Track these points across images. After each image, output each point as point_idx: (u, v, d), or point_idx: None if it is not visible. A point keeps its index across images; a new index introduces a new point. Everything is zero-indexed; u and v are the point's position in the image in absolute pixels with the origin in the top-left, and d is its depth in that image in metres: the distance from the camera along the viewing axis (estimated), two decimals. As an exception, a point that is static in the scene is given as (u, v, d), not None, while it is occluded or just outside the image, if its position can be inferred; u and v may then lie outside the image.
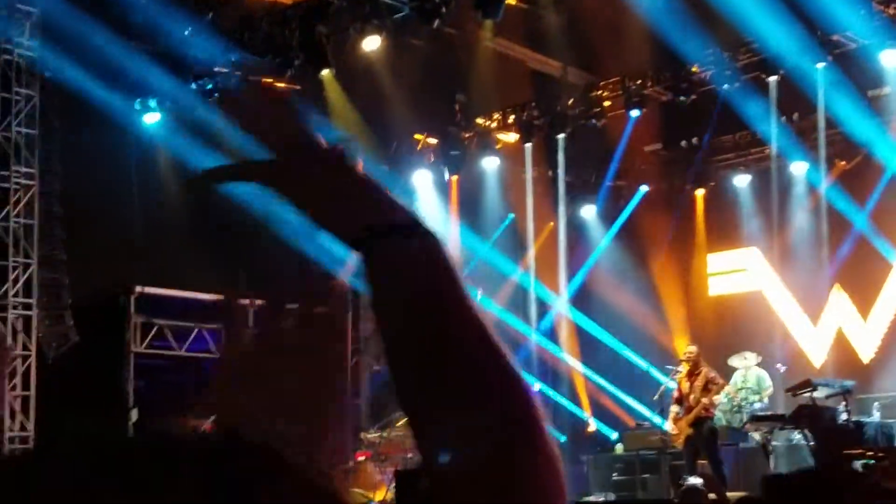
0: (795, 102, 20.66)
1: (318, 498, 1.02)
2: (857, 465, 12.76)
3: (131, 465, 0.99)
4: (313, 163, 1.49)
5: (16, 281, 17.77)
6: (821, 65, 19.14)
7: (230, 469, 0.98)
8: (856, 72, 19.45)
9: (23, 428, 17.19)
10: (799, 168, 21.78)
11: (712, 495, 14.25)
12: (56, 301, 18.11)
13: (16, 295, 17.81)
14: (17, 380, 17.32)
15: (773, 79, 19.82)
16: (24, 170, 17.69)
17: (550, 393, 22.65)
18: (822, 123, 20.55)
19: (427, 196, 23.52)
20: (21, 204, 17.68)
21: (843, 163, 21.30)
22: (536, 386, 22.71)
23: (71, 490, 0.96)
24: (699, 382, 17.29)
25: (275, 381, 1.38)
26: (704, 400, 17.22)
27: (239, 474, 0.99)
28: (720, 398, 17.84)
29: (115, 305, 19.28)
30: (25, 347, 17.57)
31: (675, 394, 17.30)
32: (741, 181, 22.93)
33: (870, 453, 13.06)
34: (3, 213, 17.68)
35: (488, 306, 23.47)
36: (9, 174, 17.69)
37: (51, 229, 18.10)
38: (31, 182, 17.75)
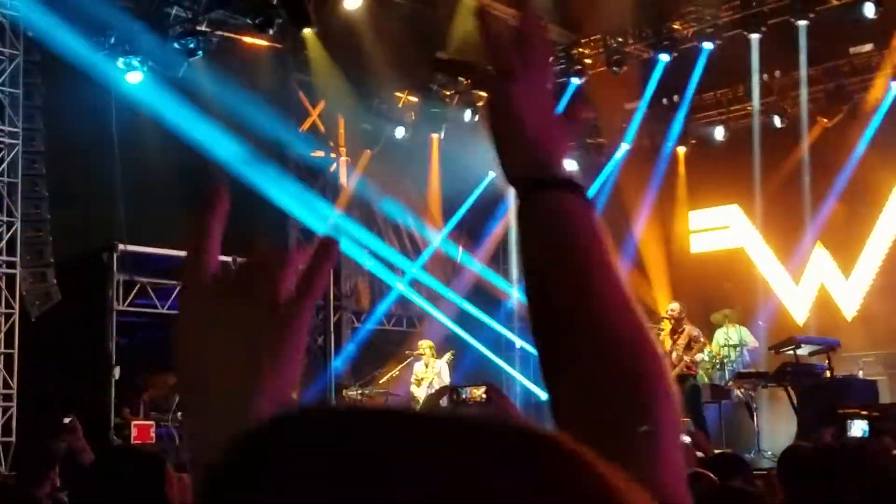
0: (777, 59, 20.72)
1: None
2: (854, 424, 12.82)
3: None
4: (526, 92, 1.63)
5: (-1, 239, 17.73)
6: (802, 22, 19.15)
7: None
8: (837, 29, 19.49)
9: (7, 385, 17.18)
10: (780, 125, 21.83)
11: (699, 453, 14.38)
12: (39, 259, 18.04)
13: (-1, 253, 17.78)
14: (1, 338, 17.30)
15: (754, 36, 19.83)
16: (7, 129, 17.59)
17: (531, 350, 22.73)
18: (803, 80, 20.63)
19: (408, 153, 23.48)
20: (5, 163, 17.60)
21: (825, 120, 21.33)
22: (518, 343, 22.83)
23: None
24: (682, 340, 17.42)
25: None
26: (687, 358, 17.36)
27: None
28: (702, 356, 17.97)
29: (98, 263, 19.21)
30: (9, 305, 17.52)
31: (660, 351, 17.42)
32: (723, 138, 22.94)
33: (864, 412, 13.06)
34: (-13, 172, 17.61)
35: (470, 263, 23.55)
36: (-8, 133, 17.61)
37: (34, 188, 18.02)
38: (14, 141, 17.65)
